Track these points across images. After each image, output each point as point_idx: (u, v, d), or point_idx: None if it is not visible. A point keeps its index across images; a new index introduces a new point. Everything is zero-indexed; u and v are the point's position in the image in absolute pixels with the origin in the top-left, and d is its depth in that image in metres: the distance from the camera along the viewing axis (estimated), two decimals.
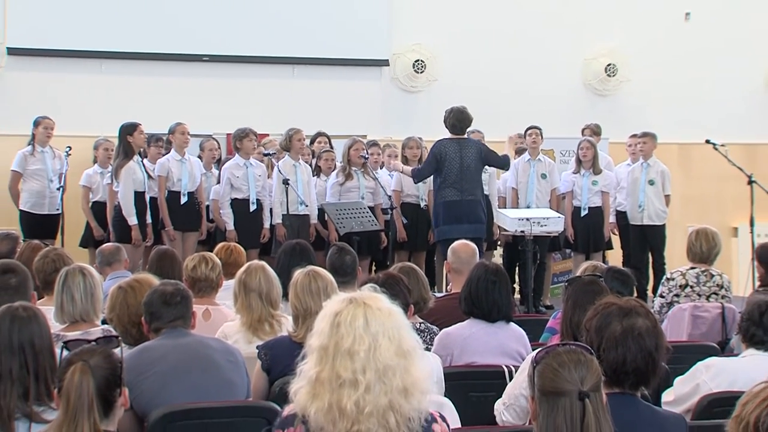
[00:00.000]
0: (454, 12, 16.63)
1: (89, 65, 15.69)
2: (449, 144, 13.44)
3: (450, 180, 13.29)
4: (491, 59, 16.43)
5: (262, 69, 16.20)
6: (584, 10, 16.94)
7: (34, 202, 14.22)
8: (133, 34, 15.82)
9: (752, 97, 17.87)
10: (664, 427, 4.75)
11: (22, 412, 5.04)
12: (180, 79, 15.84)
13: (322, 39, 16.40)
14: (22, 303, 5.54)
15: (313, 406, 4.29)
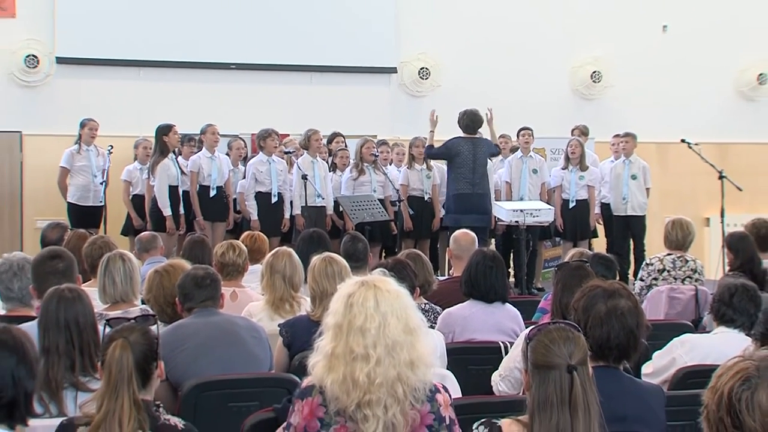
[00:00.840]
0: (455, 25, 16.61)
1: (129, 73, 15.70)
2: (463, 142, 13.60)
3: (463, 174, 13.45)
4: (488, 67, 16.41)
5: (283, 76, 16.20)
6: (572, 23, 16.92)
7: (80, 195, 14.25)
8: (168, 45, 15.83)
9: (722, 101, 17.86)
10: (643, 396, 4.74)
11: (69, 382, 5.05)
12: (210, 85, 15.83)
13: (337, 49, 16.39)
14: (69, 285, 5.54)
15: (329, 377, 4.30)
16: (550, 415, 3.71)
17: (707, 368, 4.92)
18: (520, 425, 3.80)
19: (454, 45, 16.64)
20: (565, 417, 3.70)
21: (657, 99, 16.90)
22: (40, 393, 4.71)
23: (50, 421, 4.58)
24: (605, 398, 3.84)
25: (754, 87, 18.07)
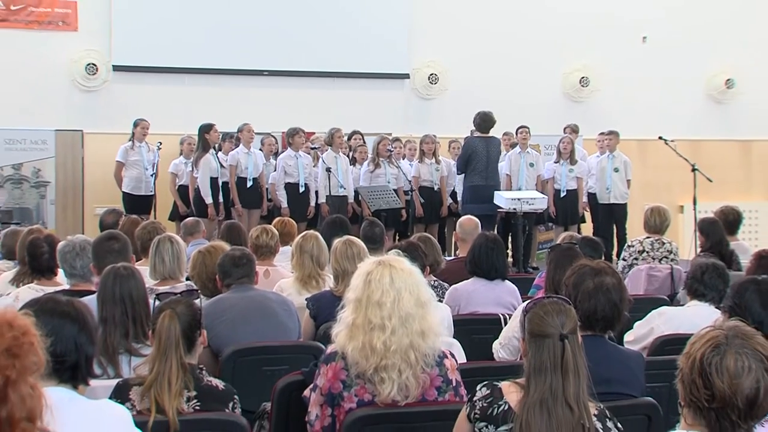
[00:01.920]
0: (461, 37, 16.57)
1: (175, 78, 15.71)
2: (478, 141, 13.62)
3: (478, 169, 13.46)
4: (490, 73, 16.36)
5: (309, 81, 16.17)
6: (563, 35, 16.86)
7: (133, 186, 14.27)
8: (210, 54, 15.82)
9: (695, 103, 17.81)
10: (626, 362, 4.74)
11: (124, 348, 5.06)
12: (246, 89, 15.83)
13: (357, 58, 16.36)
14: (123, 263, 5.56)
15: (350, 345, 4.32)
16: (545, 378, 3.71)
17: (682, 337, 4.90)
18: (518, 387, 3.80)
19: (460, 54, 16.61)
20: (557, 380, 3.69)
21: (637, 101, 16.86)
22: (99, 357, 4.72)
23: (108, 381, 4.60)
24: (592, 363, 3.84)
25: (723, 91, 18.03)
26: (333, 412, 4.37)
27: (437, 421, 4.22)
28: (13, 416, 2.39)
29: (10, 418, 2.39)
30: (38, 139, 15.12)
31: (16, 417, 2.39)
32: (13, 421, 2.39)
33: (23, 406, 2.41)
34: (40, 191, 15.19)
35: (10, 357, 2.40)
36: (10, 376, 2.39)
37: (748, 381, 2.95)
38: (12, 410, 2.39)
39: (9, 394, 2.38)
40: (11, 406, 2.39)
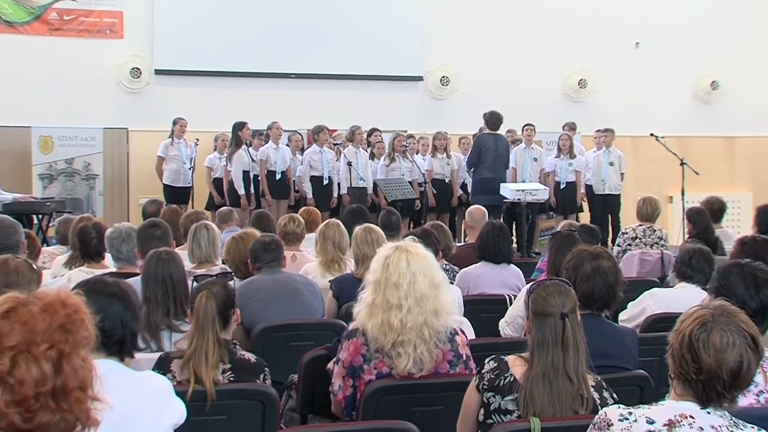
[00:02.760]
0: (469, 43, 16.55)
1: (211, 81, 15.72)
2: (487, 137, 13.63)
3: (486, 163, 13.49)
4: (496, 76, 16.34)
5: (332, 83, 16.18)
6: (563, 41, 16.82)
7: (173, 178, 14.32)
8: (242, 59, 15.84)
9: (683, 102, 17.77)
10: (621, 338, 4.75)
11: (165, 325, 5.09)
12: (275, 90, 15.83)
13: (375, 62, 16.36)
14: (165, 248, 5.58)
15: (370, 322, 4.32)
16: (547, 352, 3.71)
17: (671, 315, 4.89)
18: (522, 360, 3.79)
19: (469, 58, 16.58)
20: (558, 354, 3.70)
21: (631, 101, 16.80)
22: (143, 333, 4.73)
23: (151, 355, 4.61)
24: (590, 339, 3.83)
25: (708, 92, 17.97)
26: (354, 383, 4.38)
27: (449, 391, 4.23)
28: (67, 385, 2.41)
29: (64, 387, 2.40)
30: (88, 137, 15.17)
31: (69, 386, 2.41)
32: (67, 390, 2.41)
33: (76, 377, 2.42)
34: (89, 183, 15.24)
35: (63, 332, 2.41)
36: (64, 349, 2.40)
37: (732, 355, 2.95)
38: (66, 380, 2.40)
39: (63, 365, 2.40)
40: (65, 377, 2.40)
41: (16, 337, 2.35)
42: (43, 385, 2.36)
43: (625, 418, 3.04)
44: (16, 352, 2.34)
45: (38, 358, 2.36)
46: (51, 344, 2.38)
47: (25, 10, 15.16)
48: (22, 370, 2.34)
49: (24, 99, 14.82)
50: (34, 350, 2.36)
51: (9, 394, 2.33)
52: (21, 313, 2.39)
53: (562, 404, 3.69)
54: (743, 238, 6.33)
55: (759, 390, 3.84)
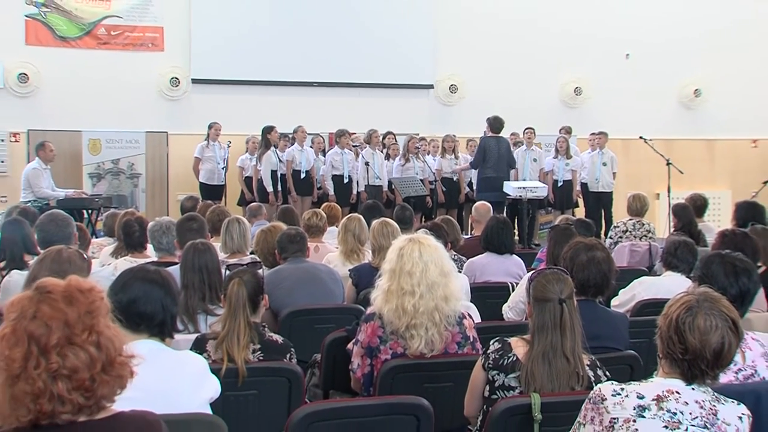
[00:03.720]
0: (475, 54, 16.49)
1: (242, 89, 15.72)
2: (491, 140, 13.58)
3: (490, 164, 13.42)
4: (500, 84, 16.28)
5: (352, 90, 16.15)
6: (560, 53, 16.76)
7: (208, 177, 14.33)
8: (270, 69, 15.82)
9: (669, 109, 17.71)
10: (613, 321, 4.74)
11: (202, 309, 5.09)
12: (300, 97, 15.81)
13: (390, 71, 16.32)
14: (201, 240, 5.59)
15: (386, 307, 4.33)
16: (546, 334, 3.71)
17: (659, 301, 4.89)
18: (524, 342, 3.79)
19: (475, 69, 16.55)
20: (557, 336, 3.69)
21: (622, 107, 16.74)
22: (181, 316, 4.75)
23: (189, 336, 4.63)
24: (586, 322, 3.83)
25: (692, 99, 17.90)
26: (372, 362, 4.38)
27: (457, 370, 4.23)
28: (111, 357, 2.42)
29: (109, 359, 2.41)
30: (132, 140, 15.20)
31: (112, 356, 2.42)
32: (112, 360, 2.42)
33: (113, 346, 2.43)
34: (133, 181, 15.27)
35: (91, 315, 2.42)
36: (99, 330, 2.42)
37: (715, 337, 2.96)
38: (109, 353, 2.41)
39: (102, 342, 2.41)
40: (107, 351, 2.41)
41: (56, 334, 2.35)
42: (95, 366, 2.38)
43: (618, 393, 3.04)
44: (62, 347, 2.35)
45: (82, 345, 2.37)
46: (88, 330, 2.40)
47: (77, 27, 15.21)
48: (72, 360, 2.35)
49: (75, 106, 14.86)
50: (76, 340, 2.37)
51: (68, 383, 2.34)
52: (47, 310, 2.38)
53: (560, 381, 3.70)
54: (724, 231, 6.30)
55: (738, 368, 3.84)
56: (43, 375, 2.31)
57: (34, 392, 2.31)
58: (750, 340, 3.92)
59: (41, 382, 2.31)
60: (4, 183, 14.47)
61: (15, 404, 2.32)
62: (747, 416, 3.03)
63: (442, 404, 4.01)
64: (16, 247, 6.41)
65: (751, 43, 17.51)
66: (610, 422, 3.00)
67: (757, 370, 3.90)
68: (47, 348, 2.33)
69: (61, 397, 2.33)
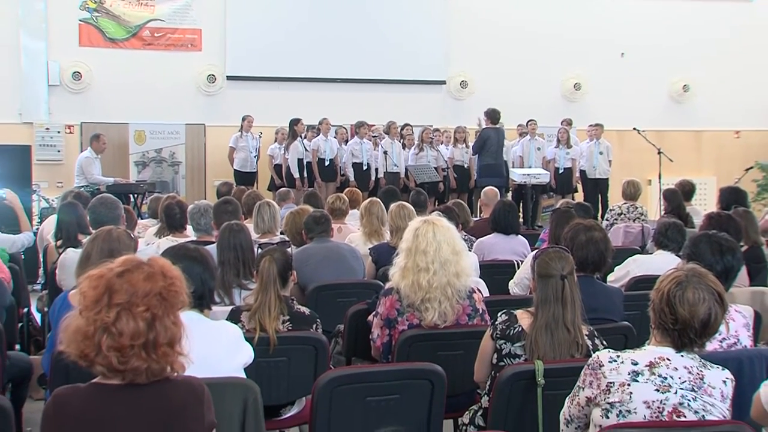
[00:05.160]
0: (484, 53, 16.41)
1: (272, 85, 15.70)
2: (491, 130, 13.58)
3: (490, 152, 13.48)
4: (507, 80, 16.19)
5: (371, 86, 16.09)
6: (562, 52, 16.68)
7: (241, 165, 14.33)
8: (298, 66, 15.78)
9: (660, 102, 17.60)
10: (609, 296, 4.73)
11: (236, 284, 5.10)
12: (324, 92, 15.79)
13: (407, 69, 16.27)
14: (236, 221, 5.60)
15: (403, 282, 4.33)
16: (549, 307, 3.70)
17: (650, 277, 4.86)
18: (529, 314, 3.78)
19: (484, 66, 16.48)
20: (558, 309, 3.68)
21: (617, 101, 16.64)
22: (218, 290, 4.75)
23: (225, 308, 4.63)
24: (585, 296, 3.82)
25: (681, 93, 17.78)
26: (390, 332, 4.38)
27: (468, 339, 4.22)
28: (157, 341, 2.45)
29: (155, 342, 2.45)
30: (173, 131, 15.24)
31: (159, 342, 2.45)
32: (157, 344, 2.45)
33: (165, 334, 2.47)
34: (174, 169, 15.31)
35: (160, 299, 2.47)
36: (157, 313, 2.45)
37: (703, 308, 2.95)
38: (157, 337, 2.45)
39: (155, 325, 2.45)
40: (156, 334, 2.44)
41: (123, 296, 2.43)
42: (138, 338, 2.42)
43: (614, 360, 3.04)
44: (120, 309, 2.42)
45: (136, 317, 2.43)
46: (147, 307, 2.45)
47: (124, 29, 15.25)
48: (123, 323, 2.41)
49: (123, 101, 14.91)
50: (134, 309, 2.43)
51: (111, 341, 2.40)
52: (130, 277, 2.46)
53: (561, 350, 3.69)
54: (710, 213, 6.28)
55: (722, 338, 3.87)
56: (98, 323, 2.40)
57: (86, 333, 2.41)
58: (733, 312, 3.94)
59: (93, 327, 2.40)
60: (60, 170, 14.53)
61: (73, 336, 2.43)
62: (730, 380, 3.04)
63: (454, 370, 4.00)
64: (71, 227, 6.46)
65: (735, 44, 17.36)
66: (606, 386, 3.00)
67: (739, 339, 3.94)
68: (111, 303, 2.41)
69: (99, 348, 2.40)
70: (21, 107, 14.75)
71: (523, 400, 3.61)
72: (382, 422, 3.63)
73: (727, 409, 3.00)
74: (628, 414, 2.96)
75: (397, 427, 3.64)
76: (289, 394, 4.39)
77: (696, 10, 17.52)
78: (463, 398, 4.34)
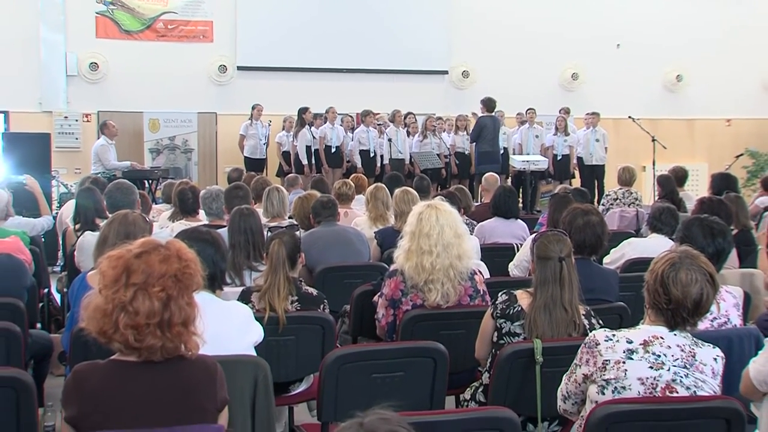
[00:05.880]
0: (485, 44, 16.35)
1: (281, 75, 15.65)
2: (486, 119, 13.56)
3: (486, 139, 13.44)
4: (506, 70, 16.14)
5: (376, 76, 16.04)
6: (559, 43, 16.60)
7: (251, 151, 14.33)
8: (306, 57, 15.73)
9: (654, 92, 17.53)
10: (605, 277, 4.73)
11: (247, 266, 5.10)
12: (330, 82, 15.75)
13: (410, 60, 16.19)
14: (246, 206, 5.59)
15: (407, 264, 4.33)
16: (547, 288, 3.69)
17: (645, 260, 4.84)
18: (528, 294, 3.78)
19: (485, 57, 16.42)
20: (556, 289, 3.68)
21: (613, 90, 16.59)
22: (229, 271, 4.75)
23: (236, 288, 4.63)
24: (582, 278, 3.81)
25: (674, 83, 17.72)
26: (394, 312, 4.38)
27: (469, 319, 4.22)
28: (172, 320, 2.46)
29: (169, 322, 2.46)
30: (186, 119, 15.23)
31: (174, 321, 2.46)
32: (172, 324, 2.46)
33: (180, 314, 2.48)
34: (187, 155, 15.31)
35: (175, 281, 2.48)
36: (172, 293, 2.47)
37: (695, 289, 2.95)
38: (171, 317, 2.46)
39: (170, 305, 2.46)
40: (171, 314, 2.46)
41: (139, 276, 2.44)
42: (153, 317, 2.44)
43: (610, 338, 3.03)
44: (137, 288, 2.43)
45: (152, 296, 2.44)
46: (162, 288, 2.46)
47: (138, 21, 15.23)
48: (139, 302, 2.43)
49: (138, 90, 14.90)
50: (149, 290, 2.44)
51: (128, 319, 2.42)
52: (147, 258, 2.48)
53: (559, 329, 3.69)
54: (702, 198, 6.27)
55: (713, 317, 3.87)
56: (115, 301, 2.42)
57: (104, 311, 2.43)
58: (724, 292, 3.93)
59: (111, 306, 2.43)
60: (78, 157, 14.55)
61: (93, 314, 2.45)
62: (720, 358, 3.04)
63: (456, 349, 4.01)
64: (89, 211, 6.46)
65: (727, 35, 17.29)
66: (602, 363, 3.00)
67: (729, 319, 3.94)
68: (128, 283, 2.43)
69: (117, 326, 2.42)
70: (41, 97, 14.77)
71: (522, 377, 3.61)
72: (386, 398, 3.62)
73: (718, 385, 3.01)
74: (623, 390, 2.96)
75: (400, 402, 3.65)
76: (298, 372, 4.40)
77: (689, 3, 17.47)
78: (465, 375, 4.34)
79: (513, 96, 15.06)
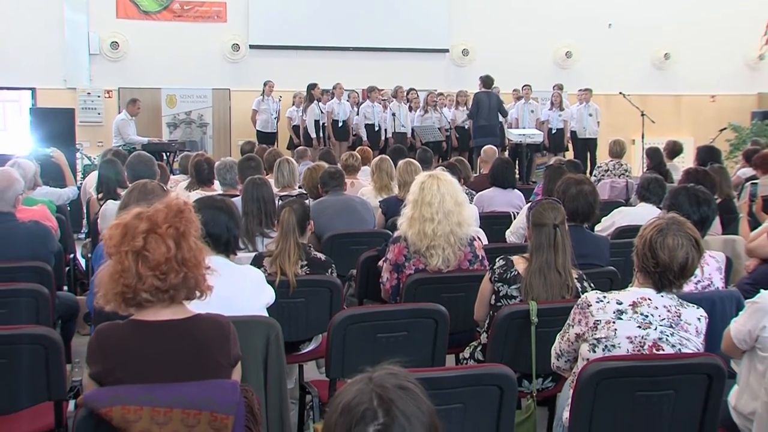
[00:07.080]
0: (484, 23, 16.29)
1: (291, 53, 15.60)
2: (483, 95, 13.45)
3: (483, 114, 13.33)
4: (504, 48, 16.08)
5: (380, 54, 15.98)
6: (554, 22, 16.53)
7: (263, 126, 14.33)
8: (315, 36, 15.68)
9: (643, 69, 17.46)
10: (597, 243, 4.71)
11: (259, 232, 5.10)
12: (338, 59, 15.68)
13: (412, 38, 16.14)
14: (258, 176, 5.58)
15: (410, 231, 4.32)
16: (542, 253, 3.69)
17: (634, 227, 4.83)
18: (524, 259, 3.77)
19: (484, 35, 16.37)
20: (551, 254, 3.67)
21: (605, 68, 16.51)
22: (242, 238, 4.75)
23: (249, 254, 4.63)
24: (575, 244, 3.80)
25: (662, 61, 17.64)
26: (398, 276, 4.38)
27: (469, 282, 4.21)
28: (185, 257, 2.44)
29: (183, 258, 2.44)
30: (201, 95, 15.22)
31: (187, 257, 2.45)
32: (186, 259, 2.45)
33: (191, 253, 2.46)
34: (202, 129, 15.30)
35: (179, 216, 2.46)
36: (179, 227, 2.45)
37: (681, 253, 2.94)
38: (184, 254, 2.45)
39: (181, 242, 2.45)
40: (183, 251, 2.45)
41: (145, 224, 2.43)
42: (168, 253, 2.42)
43: (600, 300, 3.03)
44: (147, 234, 2.42)
45: (163, 236, 2.43)
46: (170, 224, 2.45)
47: (156, 3, 15.20)
48: (152, 244, 2.42)
49: (156, 68, 14.90)
50: (159, 231, 2.43)
51: (146, 263, 2.41)
52: (146, 213, 2.47)
53: (553, 291, 3.69)
54: (688, 169, 6.25)
55: (698, 280, 3.89)
56: (129, 253, 2.40)
57: (122, 268, 2.40)
58: (708, 257, 3.94)
59: (128, 261, 2.40)
60: (100, 131, 14.55)
61: (110, 279, 2.43)
62: (704, 318, 3.05)
63: (456, 310, 4.01)
64: (111, 182, 6.48)
65: (712, 15, 17.18)
66: (594, 323, 3.00)
67: (713, 282, 3.96)
68: (135, 233, 2.41)
69: (139, 274, 2.40)
70: (65, 74, 14.77)
71: (518, 337, 3.62)
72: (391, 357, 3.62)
73: (701, 343, 3.02)
74: (612, 348, 2.96)
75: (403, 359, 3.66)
76: (308, 332, 4.41)
77: None
78: (464, 335, 4.35)
79: (510, 73, 15.01)
